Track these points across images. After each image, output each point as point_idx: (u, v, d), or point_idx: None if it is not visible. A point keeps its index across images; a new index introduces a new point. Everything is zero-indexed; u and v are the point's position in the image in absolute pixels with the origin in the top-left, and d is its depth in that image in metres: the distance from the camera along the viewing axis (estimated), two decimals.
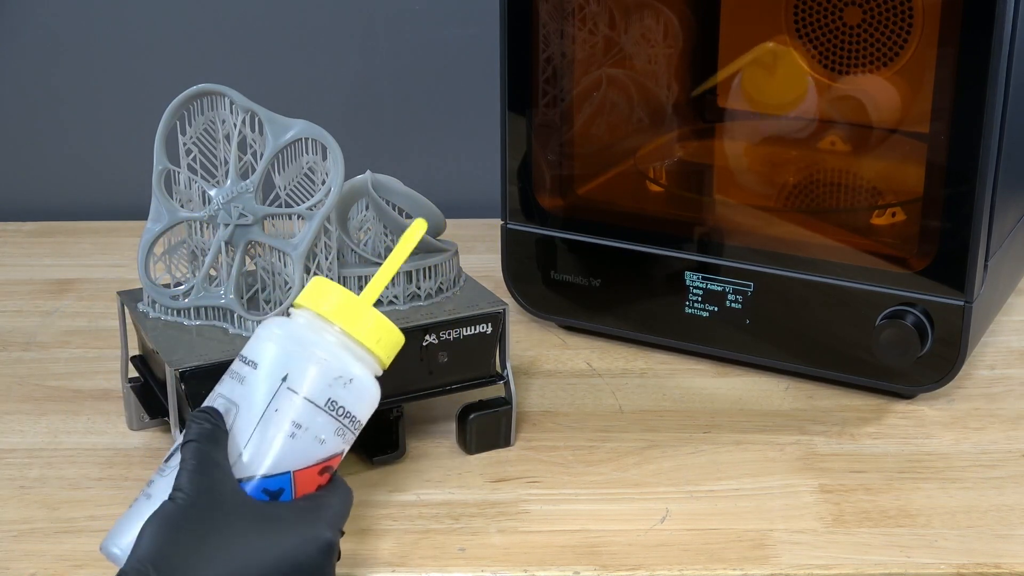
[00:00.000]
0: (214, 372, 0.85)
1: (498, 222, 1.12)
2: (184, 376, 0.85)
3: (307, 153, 0.89)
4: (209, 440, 0.73)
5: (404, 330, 0.90)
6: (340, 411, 0.75)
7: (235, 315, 0.90)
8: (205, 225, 0.91)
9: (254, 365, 0.75)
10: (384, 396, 0.91)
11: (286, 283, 0.90)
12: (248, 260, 0.91)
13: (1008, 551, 0.83)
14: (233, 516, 0.71)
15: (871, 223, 1.05)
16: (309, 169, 0.89)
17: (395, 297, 0.93)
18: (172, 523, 0.70)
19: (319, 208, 0.88)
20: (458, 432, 0.95)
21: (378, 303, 0.93)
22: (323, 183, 0.89)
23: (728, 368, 1.06)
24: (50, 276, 1.26)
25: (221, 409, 0.75)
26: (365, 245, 0.96)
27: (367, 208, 0.96)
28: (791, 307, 1.01)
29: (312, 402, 0.74)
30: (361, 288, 0.93)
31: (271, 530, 0.72)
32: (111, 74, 1.38)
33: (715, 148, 1.25)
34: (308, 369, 0.74)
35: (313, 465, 0.75)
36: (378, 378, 0.78)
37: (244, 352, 0.76)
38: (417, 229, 0.82)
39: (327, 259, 0.90)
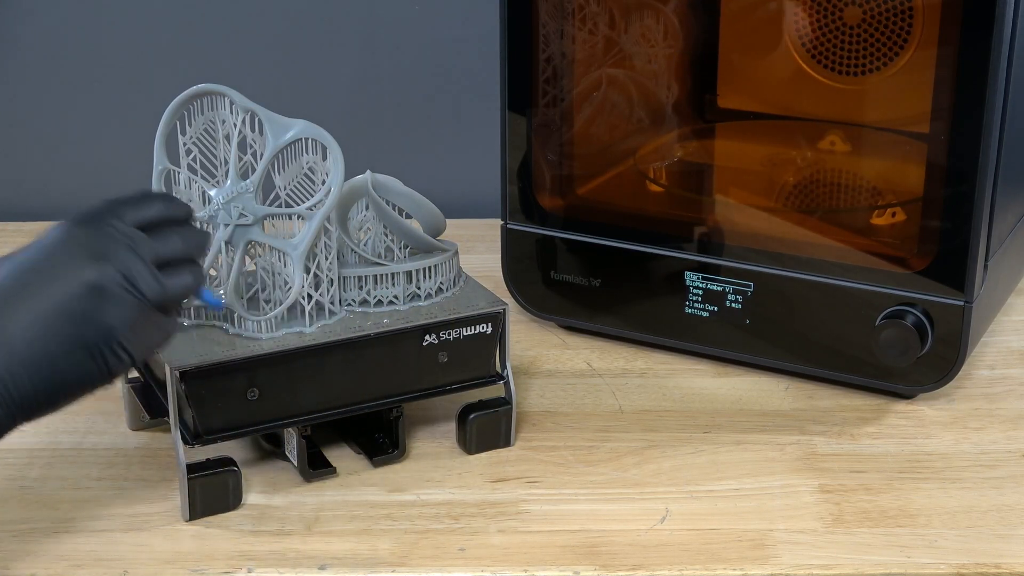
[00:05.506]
0: (214, 372, 0.85)
1: (498, 222, 1.12)
2: (184, 376, 0.85)
3: (307, 153, 0.89)
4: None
5: (404, 330, 0.90)
6: None
7: (235, 315, 0.90)
8: (205, 225, 0.91)
9: None
10: (384, 396, 0.91)
11: (286, 283, 0.90)
12: (248, 260, 0.91)
13: (1008, 551, 0.83)
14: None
15: (871, 223, 1.05)
16: (309, 169, 0.89)
17: (395, 297, 0.93)
18: None
19: (319, 208, 0.88)
20: (458, 432, 0.95)
21: (378, 303, 0.93)
22: (323, 183, 0.89)
23: (728, 368, 1.06)
24: None
25: None
26: (365, 245, 0.96)
27: (367, 208, 0.96)
28: (791, 307, 1.01)
29: None
30: (361, 288, 0.93)
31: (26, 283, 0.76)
32: (111, 74, 1.38)
33: (715, 148, 1.25)
34: None
35: None
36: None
37: None
38: None
39: (327, 259, 0.90)
